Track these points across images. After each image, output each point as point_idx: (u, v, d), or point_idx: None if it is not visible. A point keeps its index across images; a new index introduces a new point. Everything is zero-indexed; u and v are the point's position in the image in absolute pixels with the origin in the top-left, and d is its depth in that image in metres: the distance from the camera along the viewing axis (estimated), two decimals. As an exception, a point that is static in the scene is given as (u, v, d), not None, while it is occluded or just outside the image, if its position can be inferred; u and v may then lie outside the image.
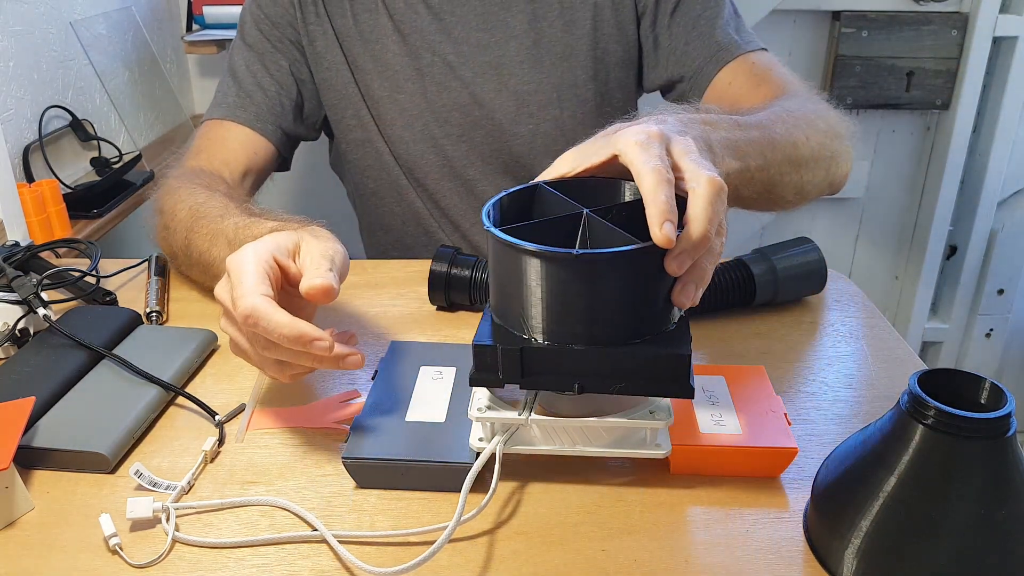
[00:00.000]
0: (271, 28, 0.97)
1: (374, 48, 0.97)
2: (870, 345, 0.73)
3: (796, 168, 0.73)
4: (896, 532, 0.45)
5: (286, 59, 0.97)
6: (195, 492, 0.56)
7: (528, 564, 0.49)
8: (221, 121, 0.95)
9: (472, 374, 0.51)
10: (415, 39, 0.96)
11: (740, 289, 0.75)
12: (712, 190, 0.49)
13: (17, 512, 0.53)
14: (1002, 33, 1.70)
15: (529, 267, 0.48)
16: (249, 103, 0.95)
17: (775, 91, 0.87)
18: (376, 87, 0.98)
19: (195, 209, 0.77)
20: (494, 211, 0.54)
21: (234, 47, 0.99)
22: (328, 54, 0.98)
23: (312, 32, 0.97)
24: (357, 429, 0.57)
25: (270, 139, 0.95)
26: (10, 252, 0.80)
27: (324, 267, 0.57)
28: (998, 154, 1.79)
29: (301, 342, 0.53)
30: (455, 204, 1.02)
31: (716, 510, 0.53)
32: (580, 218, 0.53)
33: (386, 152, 1.00)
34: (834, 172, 0.80)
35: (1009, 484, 0.44)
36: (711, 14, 0.93)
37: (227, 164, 0.91)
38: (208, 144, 0.93)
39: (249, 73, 0.96)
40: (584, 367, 0.50)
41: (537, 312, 0.49)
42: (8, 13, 1.23)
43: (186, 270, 0.83)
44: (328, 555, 0.50)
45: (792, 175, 0.73)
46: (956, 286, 1.93)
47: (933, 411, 0.44)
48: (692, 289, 0.50)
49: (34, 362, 0.66)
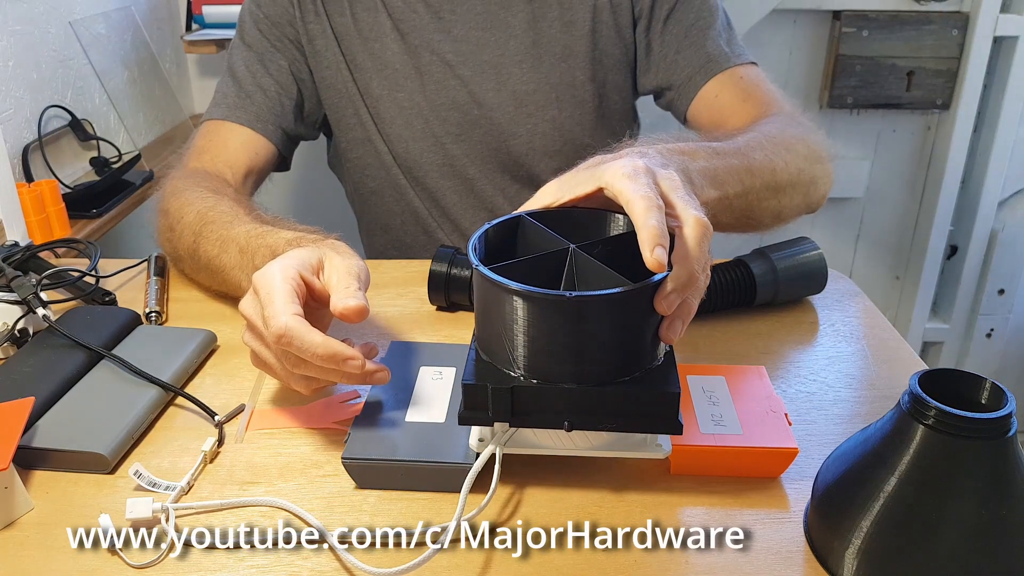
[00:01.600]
0: (270, 28, 0.97)
1: (373, 47, 0.97)
2: (871, 345, 0.73)
3: (775, 194, 0.75)
4: (897, 532, 0.45)
5: (286, 59, 0.97)
6: (195, 492, 0.56)
7: (528, 564, 0.49)
8: (222, 122, 0.95)
9: (461, 412, 0.51)
10: (414, 38, 0.96)
11: (740, 289, 0.75)
12: (700, 231, 0.50)
13: (16, 512, 0.53)
14: (1003, 33, 1.70)
15: (519, 307, 0.48)
16: (249, 103, 0.95)
17: (760, 108, 0.88)
18: (375, 86, 0.98)
19: (203, 214, 0.77)
20: (480, 245, 0.54)
21: (233, 47, 0.99)
22: (327, 53, 0.98)
23: (311, 31, 0.97)
24: (357, 429, 0.57)
25: (271, 139, 0.95)
26: (9, 252, 0.80)
27: (353, 286, 0.57)
28: (999, 154, 1.78)
29: (334, 361, 0.54)
30: (455, 203, 1.02)
31: (716, 510, 0.53)
32: (566, 253, 0.53)
33: (385, 151, 1.00)
34: (812, 195, 0.81)
35: (1010, 484, 0.43)
36: (703, 24, 0.94)
37: (230, 166, 0.92)
38: (210, 145, 0.93)
39: (249, 73, 0.96)
40: (574, 405, 0.50)
41: (527, 351, 0.49)
42: (8, 12, 1.23)
43: (192, 273, 0.83)
44: (328, 555, 0.50)
45: (770, 200, 0.75)
46: (957, 286, 1.93)
47: (934, 411, 0.44)
48: (679, 326, 0.51)
49: (33, 362, 0.66)
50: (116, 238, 1.41)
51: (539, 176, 1.00)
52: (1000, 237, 1.86)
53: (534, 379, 0.50)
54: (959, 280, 1.92)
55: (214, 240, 0.74)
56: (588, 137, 1.00)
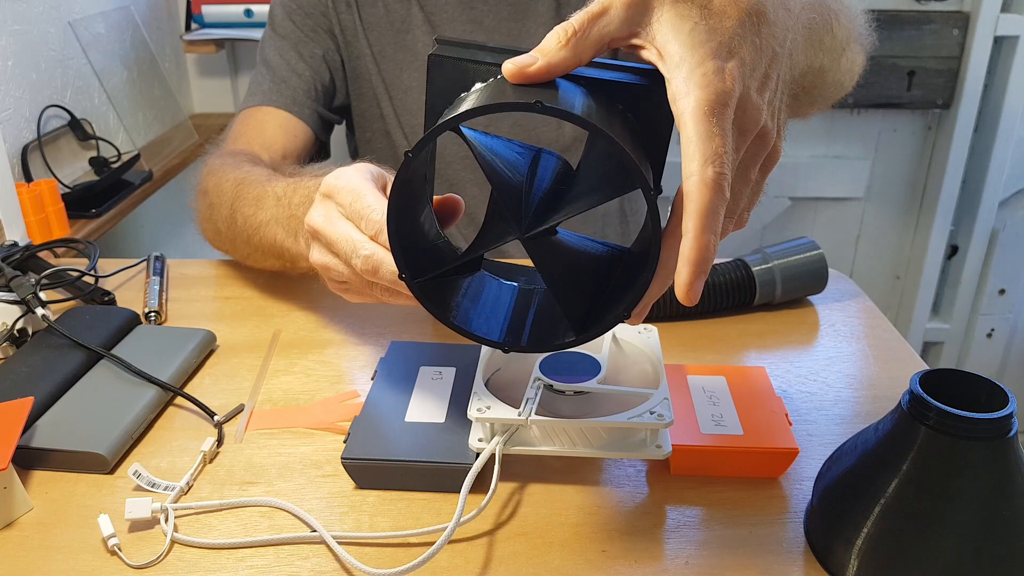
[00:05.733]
0: (304, 18, 0.98)
1: (405, 39, 0.98)
2: (871, 345, 0.73)
3: (835, 58, 0.66)
4: (897, 533, 0.45)
5: (320, 47, 0.98)
6: (194, 492, 0.55)
7: (528, 565, 0.49)
8: (258, 107, 0.95)
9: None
10: (445, 29, 0.98)
11: (740, 289, 0.75)
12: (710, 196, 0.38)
13: (16, 512, 0.53)
14: (1003, 32, 1.70)
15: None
16: (285, 87, 0.96)
17: None
18: (405, 78, 0.99)
19: (240, 179, 0.77)
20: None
21: (265, 39, 1.00)
22: (356, 44, 0.99)
23: (344, 21, 0.98)
24: (357, 429, 0.57)
25: (307, 122, 0.96)
26: (8, 252, 0.80)
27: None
28: (999, 153, 1.78)
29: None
30: (474, 195, 1.02)
31: (716, 510, 0.53)
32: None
33: (404, 145, 1.01)
34: (846, 79, 0.72)
35: (1011, 485, 0.43)
36: None
37: (266, 148, 0.92)
38: (246, 130, 0.94)
39: (283, 60, 0.97)
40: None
41: None
42: (7, 12, 1.22)
43: (229, 245, 0.81)
44: (327, 556, 0.50)
45: (832, 68, 0.67)
46: (957, 286, 1.93)
47: (935, 411, 0.44)
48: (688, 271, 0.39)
49: (32, 362, 0.66)
50: (115, 238, 1.41)
51: None
52: (1000, 237, 1.86)
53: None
54: (959, 280, 1.92)
55: (250, 200, 0.73)
56: None
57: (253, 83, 0.98)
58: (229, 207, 0.76)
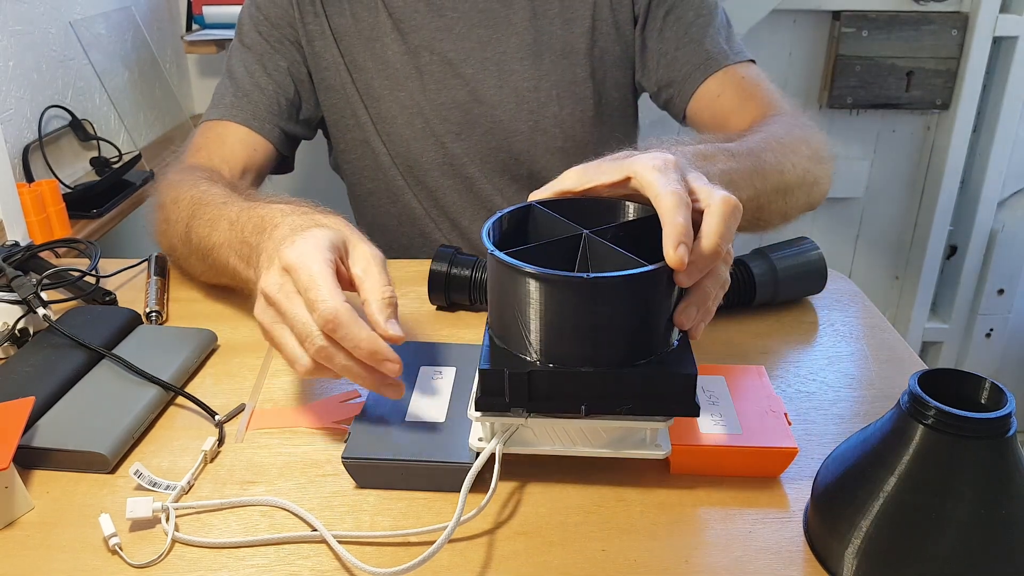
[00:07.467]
0: (270, 29, 0.97)
1: (374, 47, 0.97)
2: (870, 345, 0.73)
3: (783, 195, 0.76)
4: (896, 532, 0.45)
5: (285, 60, 0.97)
6: (195, 492, 0.56)
7: (528, 564, 0.49)
8: (219, 121, 0.95)
9: (478, 399, 0.51)
10: (414, 37, 0.96)
11: (740, 289, 0.75)
12: (727, 208, 0.50)
13: (17, 512, 0.53)
14: (1002, 33, 1.70)
15: (535, 291, 0.48)
16: (246, 102, 0.95)
17: (762, 108, 0.89)
18: (376, 86, 0.98)
19: (197, 198, 0.76)
20: (494, 231, 0.54)
21: (232, 49, 0.99)
22: (326, 54, 0.98)
23: (311, 31, 0.97)
24: (357, 429, 0.57)
25: (268, 137, 0.95)
26: (10, 252, 0.80)
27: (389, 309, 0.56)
28: (998, 154, 1.79)
29: (375, 359, 0.53)
30: (454, 202, 1.02)
31: (716, 510, 0.53)
32: (580, 239, 0.53)
33: (383, 152, 1.00)
34: (814, 194, 0.82)
35: (1009, 484, 0.43)
36: (703, 22, 0.94)
37: (226, 162, 0.91)
38: (206, 143, 0.93)
39: (247, 74, 0.96)
40: (591, 389, 0.50)
41: (543, 335, 0.49)
42: (8, 12, 1.23)
43: (183, 261, 0.82)
44: (328, 555, 0.50)
45: (779, 202, 0.76)
46: (956, 286, 1.93)
47: (933, 411, 0.44)
48: (693, 311, 0.51)
49: (34, 362, 0.66)
50: (116, 238, 1.41)
51: (539, 174, 1.00)
52: (1000, 237, 1.86)
53: (550, 363, 0.50)
54: (958, 280, 1.92)
55: (206, 221, 0.73)
56: (588, 134, 1.00)
57: (216, 95, 0.97)
58: (185, 225, 0.76)
